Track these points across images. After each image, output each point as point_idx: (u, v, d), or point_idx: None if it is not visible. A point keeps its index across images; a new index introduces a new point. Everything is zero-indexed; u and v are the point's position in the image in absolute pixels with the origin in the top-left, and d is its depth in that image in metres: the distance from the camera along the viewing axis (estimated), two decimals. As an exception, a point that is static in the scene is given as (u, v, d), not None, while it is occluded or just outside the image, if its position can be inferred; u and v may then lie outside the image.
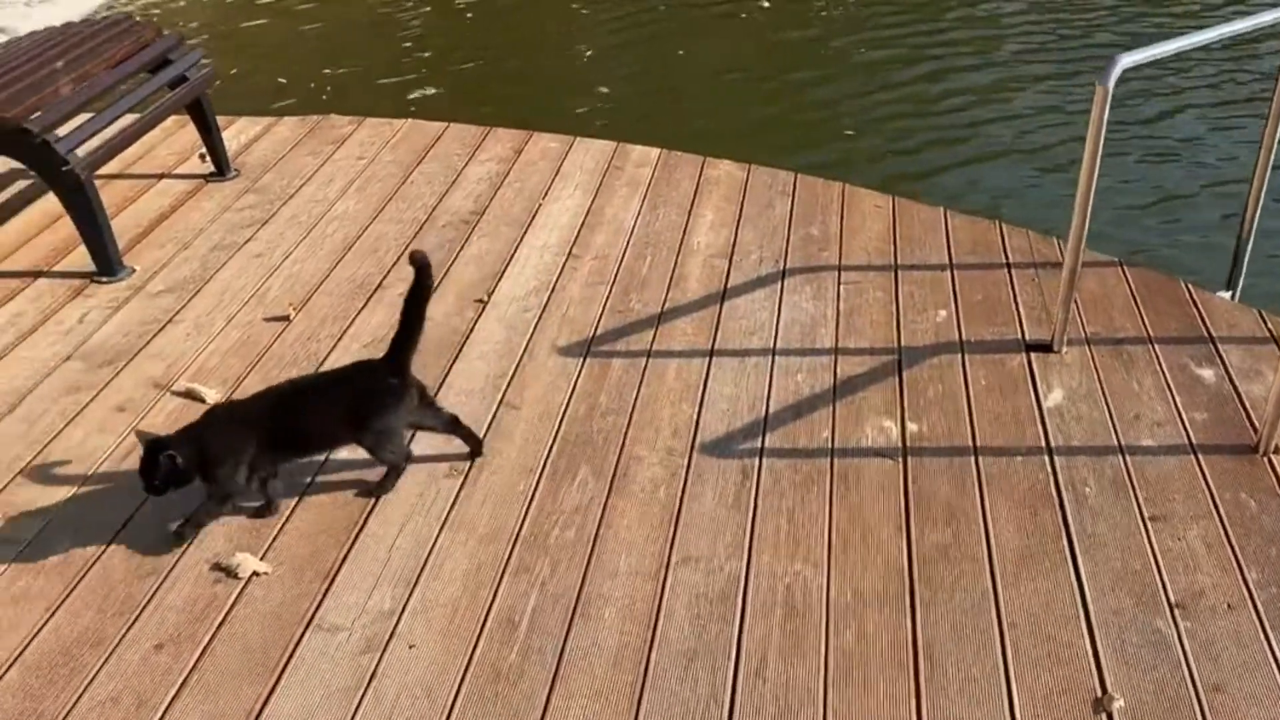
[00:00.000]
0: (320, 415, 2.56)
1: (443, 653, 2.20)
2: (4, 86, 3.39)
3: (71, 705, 2.11)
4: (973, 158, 5.62)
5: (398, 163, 4.33)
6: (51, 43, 3.73)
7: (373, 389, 2.56)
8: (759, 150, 4.78)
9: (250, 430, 2.50)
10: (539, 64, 7.26)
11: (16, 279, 3.55)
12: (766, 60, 7.08)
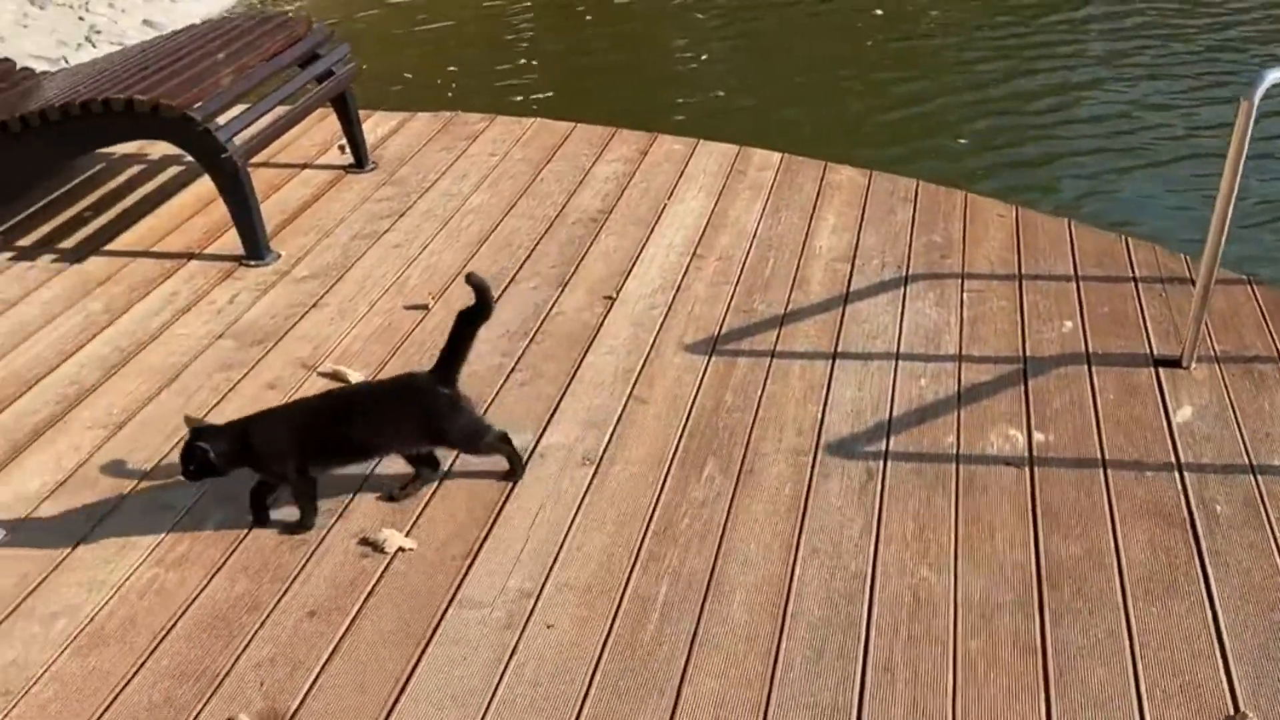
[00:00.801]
0: (377, 426, 2.57)
1: (580, 633, 2.25)
2: (171, 76, 3.54)
3: (232, 664, 2.20)
4: (1091, 170, 5.54)
5: (528, 160, 4.40)
6: (213, 35, 3.88)
7: (431, 399, 2.57)
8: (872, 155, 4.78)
9: (295, 434, 2.53)
10: (653, 66, 7.30)
11: (171, 260, 3.68)
12: (879, 66, 7.04)
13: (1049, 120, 6.10)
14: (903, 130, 6.14)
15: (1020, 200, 4.05)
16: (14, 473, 2.73)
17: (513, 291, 3.49)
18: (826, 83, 6.78)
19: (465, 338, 2.56)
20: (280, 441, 2.51)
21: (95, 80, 3.72)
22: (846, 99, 6.56)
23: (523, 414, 2.92)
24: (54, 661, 2.20)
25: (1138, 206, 5.13)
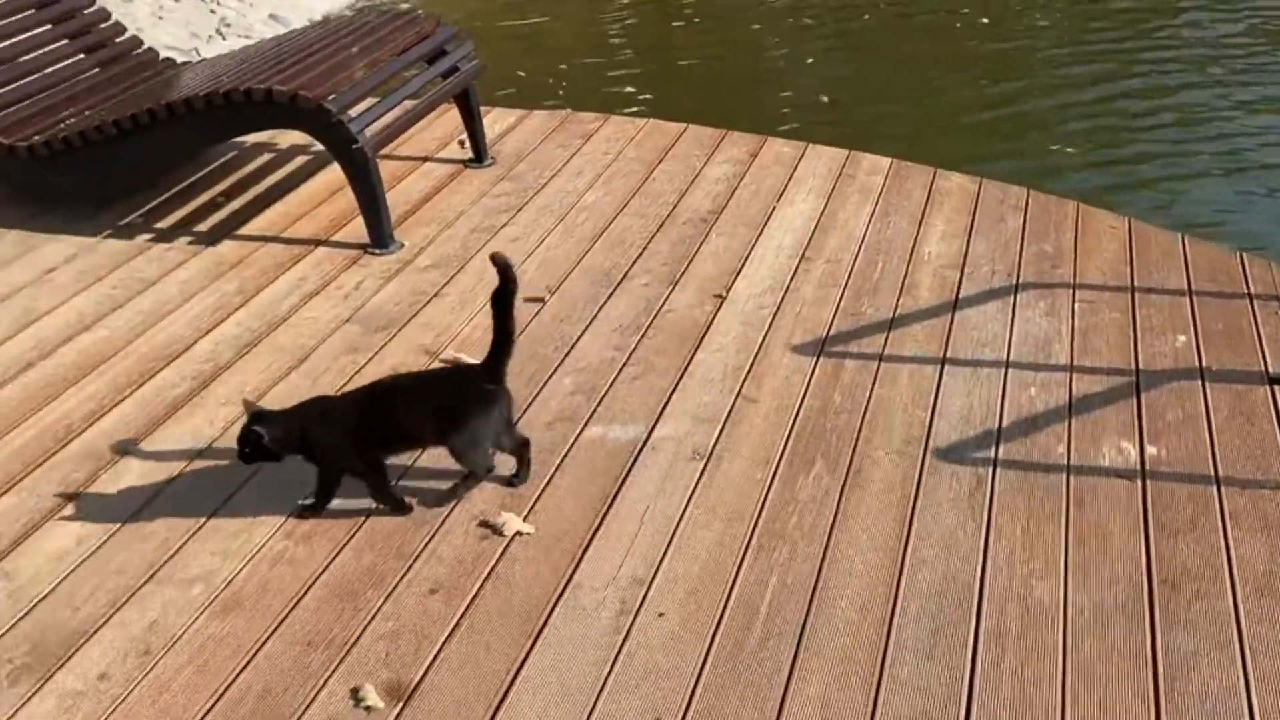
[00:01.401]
0: (411, 415, 2.58)
1: (690, 623, 2.28)
2: (307, 69, 3.65)
3: (358, 635, 2.26)
4: (1200, 181, 5.43)
5: (640, 160, 4.44)
6: (346, 31, 3.99)
7: (467, 394, 2.58)
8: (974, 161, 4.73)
9: (344, 423, 2.55)
10: (751, 67, 7.31)
11: (299, 246, 3.79)
12: (979, 70, 6.96)
13: (1155, 129, 5.98)
14: (1004, 136, 6.07)
15: (1129, 210, 3.99)
16: (153, 444, 2.83)
17: (625, 287, 3.53)
18: (926, 86, 6.73)
19: (507, 321, 2.53)
20: (334, 430, 2.53)
21: (236, 71, 3.84)
22: (947, 103, 6.49)
23: (634, 407, 2.95)
24: (191, 624, 2.29)
25: (1248, 220, 5.02)
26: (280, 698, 2.12)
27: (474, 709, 2.10)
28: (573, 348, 3.22)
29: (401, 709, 2.10)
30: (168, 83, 4.11)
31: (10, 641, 2.25)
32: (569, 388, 3.04)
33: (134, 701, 2.12)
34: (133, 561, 2.45)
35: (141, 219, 3.97)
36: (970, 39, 7.51)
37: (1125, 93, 6.47)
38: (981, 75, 6.89)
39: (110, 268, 3.65)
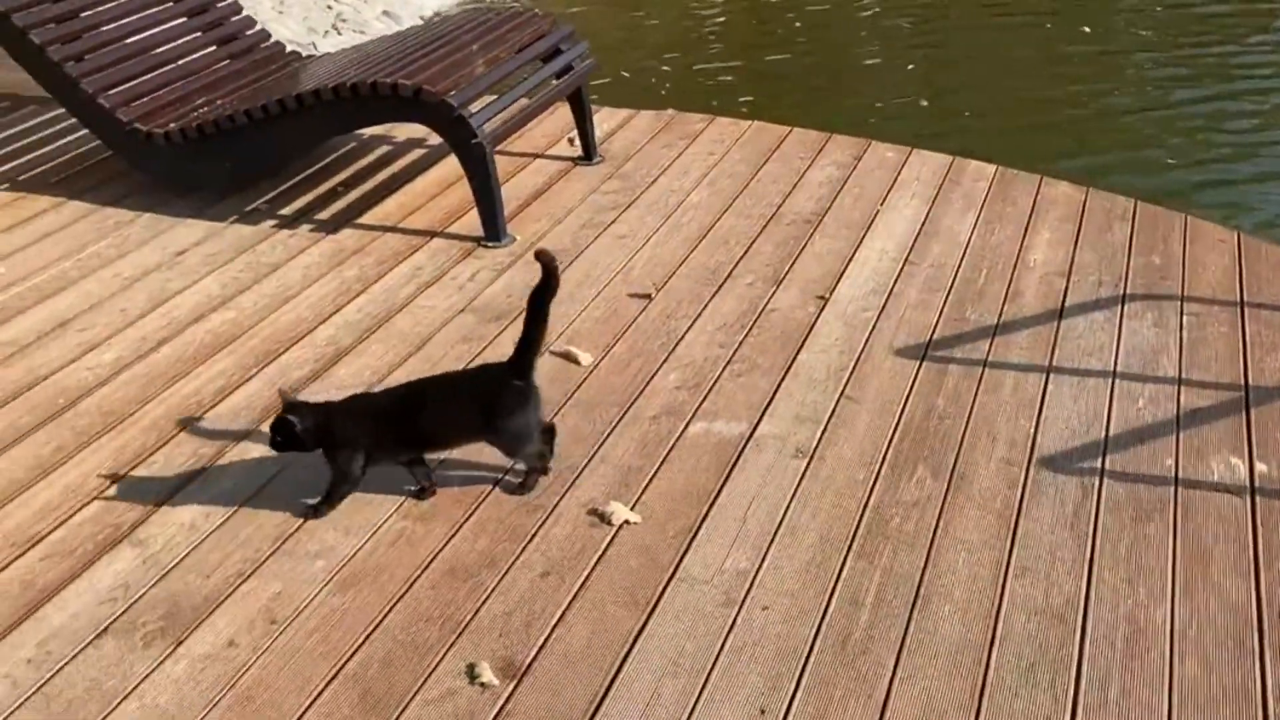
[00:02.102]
0: (443, 415, 2.59)
1: (794, 617, 2.29)
2: (430, 65, 3.72)
3: (473, 614, 2.31)
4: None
5: (745, 161, 4.44)
6: (467, 28, 4.05)
7: (498, 393, 2.57)
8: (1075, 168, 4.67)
9: (373, 424, 2.57)
10: (853, 70, 7.25)
11: (417, 237, 3.86)
12: (1084, 80, 6.83)
13: (1267, 144, 5.83)
14: (1107, 144, 5.96)
15: (1237, 223, 3.90)
16: (278, 422, 2.91)
17: (729, 286, 3.54)
18: (1026, 93, 6.62)
19: (541, 319, 2.51)
20: (365, 427, 2.55)
21: (362, 65, 3.92)
22: (1047, 110, 6.38)
23: (738, 404, 2.96)
24: (315, 596, 2.35)
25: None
26: (399, 671, 2.17)
27: (584, 690, 2.13)
28: (678, 344, 3.24)
29: (515, 687, 2.14)
30: (294, 75, 4.21)
31: (144, 606, 2.33)
32: (674, 383, 3.06)
33: (261, 668, 2.18)
34: (259, 534, 2.53)
35: (266, 205, 4.07)
36: (1069, 44, 7.37)
37: (1232, 104, 6.32)
38: (1082, 82, 6.77)
39: (237, 252, 3.76)
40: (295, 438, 2.50)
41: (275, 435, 2.52)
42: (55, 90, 4.03)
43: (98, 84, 3.93)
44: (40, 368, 3.15)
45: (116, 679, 2.16)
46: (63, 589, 2.37)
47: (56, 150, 4.49)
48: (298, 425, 2.49)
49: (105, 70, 4.00)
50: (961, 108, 6.50)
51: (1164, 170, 5.58)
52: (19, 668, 2.19)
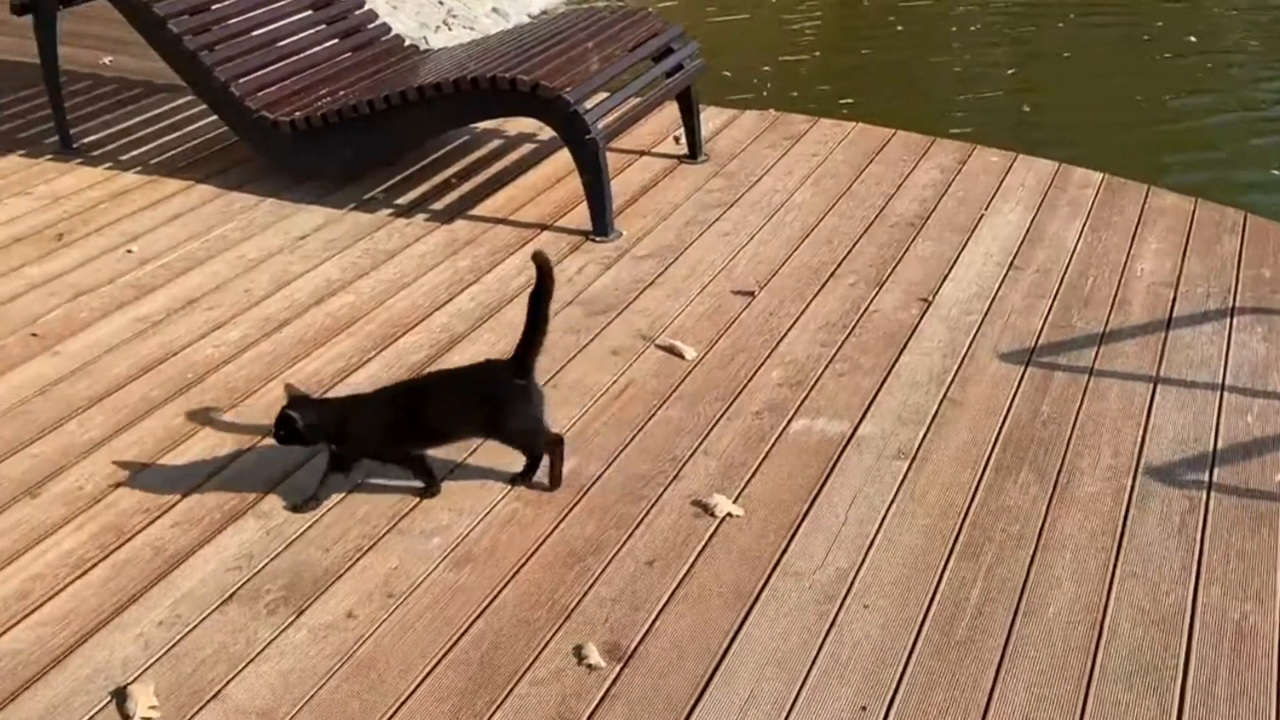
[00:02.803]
0: (445, 411, 2.59)
1: (895, 616, 2.27)
2: (547, 61, 3.75)
3: (580, 598, 2.33)
4: None
5: (848, 162, 4.41)
6: (582, 25, 4.08)
7: (500, 391, 2.57)
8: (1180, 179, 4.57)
9: (377, 422, 2.58)
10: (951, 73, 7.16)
11: (526, 229, 3.90)
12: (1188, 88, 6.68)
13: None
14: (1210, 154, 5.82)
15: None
16: (394, 404, 2.97)
17: (832, 286, 3.53)
18: (1128, 99, 6.49)
19: (541, 319, 2.50)
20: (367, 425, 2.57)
21: (480, 59, 3.97)
22: (1150, 117, 6.26)
23: (840, 403, 2.95)
24: (430, 573, 2.40)
25: None
26: (510, 648, 2.21)
27: (688, 677, 2.14)
28: (780, 341, 3.24)
29: (621, 670, 2.16)
30: (413, 68, 4.27)
31: (267, 576, 2.40)
32: (776, 380, 3.06)
33: (378, 639, 2.23)
34: (376, 511, 2.58)
35: (382, 195, 4.14)
36: (1173, 52, 7.20)
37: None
38: (1187, 92, 6.61)
39: (355, 238, 3.83)
40: (297, 432, 2.53)
41: (278, 429, 2.54)
42: (189, 77, 4.14)
43: (229, 73, 4.03)
44: (171, 343, 3.25)
45: (242, 644, 2.22)
46: (191, 555, 2.45)
47: (185, 136, 4.62)
48: (299, 421, 2.51)
49: (235, 60, 4.10)
50: (1064, 114, 6.39)
51: (1274, 184, 5.43)
52: (151, 628, 2.26)
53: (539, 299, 2.51)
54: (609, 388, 3.03)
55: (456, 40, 7.18)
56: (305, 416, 2.53)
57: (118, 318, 3.38)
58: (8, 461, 2.76)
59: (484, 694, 2.11)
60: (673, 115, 4.48)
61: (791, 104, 5.38)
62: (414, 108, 3.78)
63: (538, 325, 2.51)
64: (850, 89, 6.79)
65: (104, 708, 2.09)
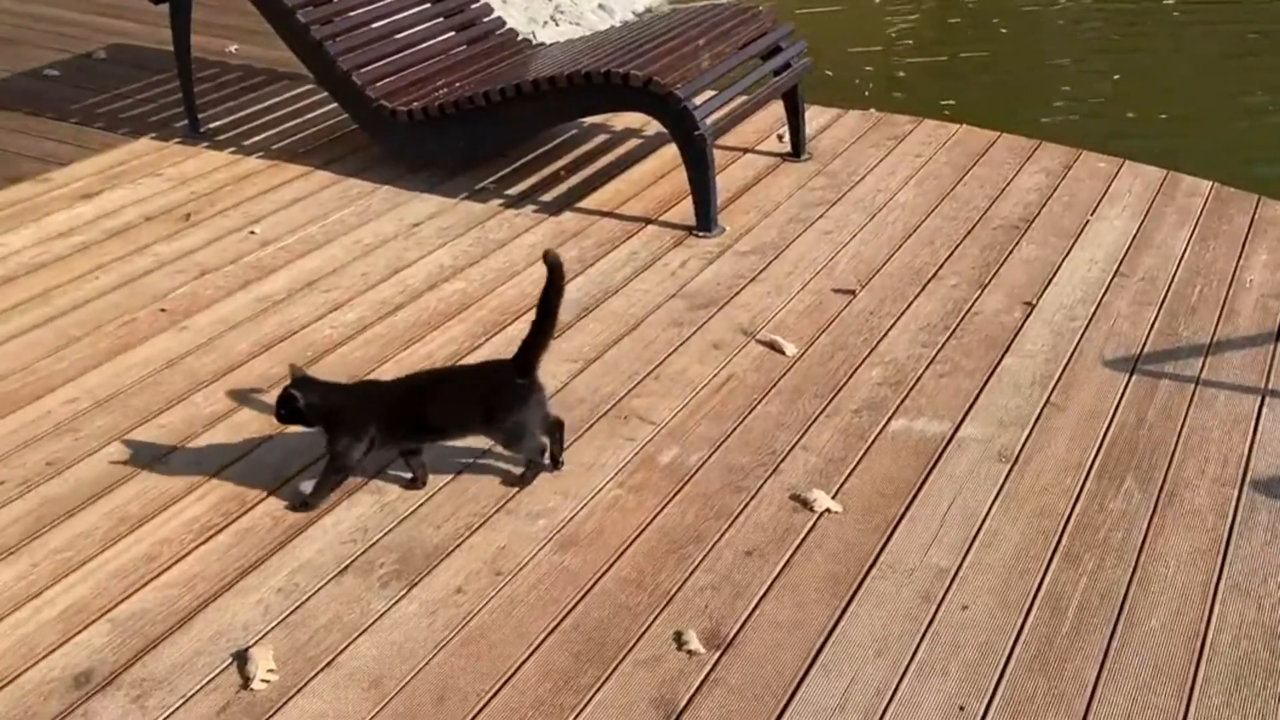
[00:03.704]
0: (446, 407, 2.56)
1: (994, 619, 2.24)
2: (659, 57, 3.76)
3: (680, 584, 2.34)
4: None
5: (952, 164, 4.35)
6: (694, 22, 4.08)
7: (500, 388, 2.54)
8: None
9: (376, 412, 2.55)
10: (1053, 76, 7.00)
11: (631, 223, 3.91)
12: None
13: None
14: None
15: None
16: (502, 389, 3.01)
17: (934, 287, 3.48)
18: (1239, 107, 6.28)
19: (550, 319, 2.46)
20: (367, 414, 2.55)
21: (592, 54, 3.99)
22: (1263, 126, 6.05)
23: (940, 403, 2.92)
24: (536, 554, 2.43)
25: None
26: (611, 630, 2.23)
27: (786, 668, 2.14)
28: (881, 340, 3.21)
29: (720, 657, 2.17)
30: (526, 62, 4.32)
31: (380, 549, 2.45)
32: (876, 378, 3.04)
33: (486, 615, 2.27)
34: (485, 492, 2.62)
35: (493, 185, 4.19)
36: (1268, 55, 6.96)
37: None
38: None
39: (466, 227, 3.88)
40: (298, 412, 2.51)
41: (279, 408, 2.53)
42: (312, 66, 4.23)
43: (351, 62, 4.11)
44: (291, 322, 3.33)
45: (356, 614, 2.28)
46: (309, 527, 2.51)
47: (304, 123, 4.71)
48: (300, 400, 2.49)
49: (357, 50, 4.18)
50: (1169, 121, 6.21)
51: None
52: (270, 595, 2.33)
53: (549, 299, 2.46)
54: (710, 380, 3.03)
55: (563, 35, 7.23)
56: (307, 396, 2.51)
57: (241, 296, 3.48)
58: (138, 430, 2.86)
59: (587, 673, 2.14)
60: (776, 113, 4.47)
61: (894, 104, 5.31)
62: (528, 100, 3.82)
63: (545, 325, 2.47)
64: (952, 90, 6.68)
65: (225, 669, 2.16)
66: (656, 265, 3.63)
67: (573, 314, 3.34)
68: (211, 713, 2.07)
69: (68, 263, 3.70)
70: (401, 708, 2.07)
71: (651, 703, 2.08)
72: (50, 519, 2.56)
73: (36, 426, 2.88)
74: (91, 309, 3.42)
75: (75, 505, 2.59)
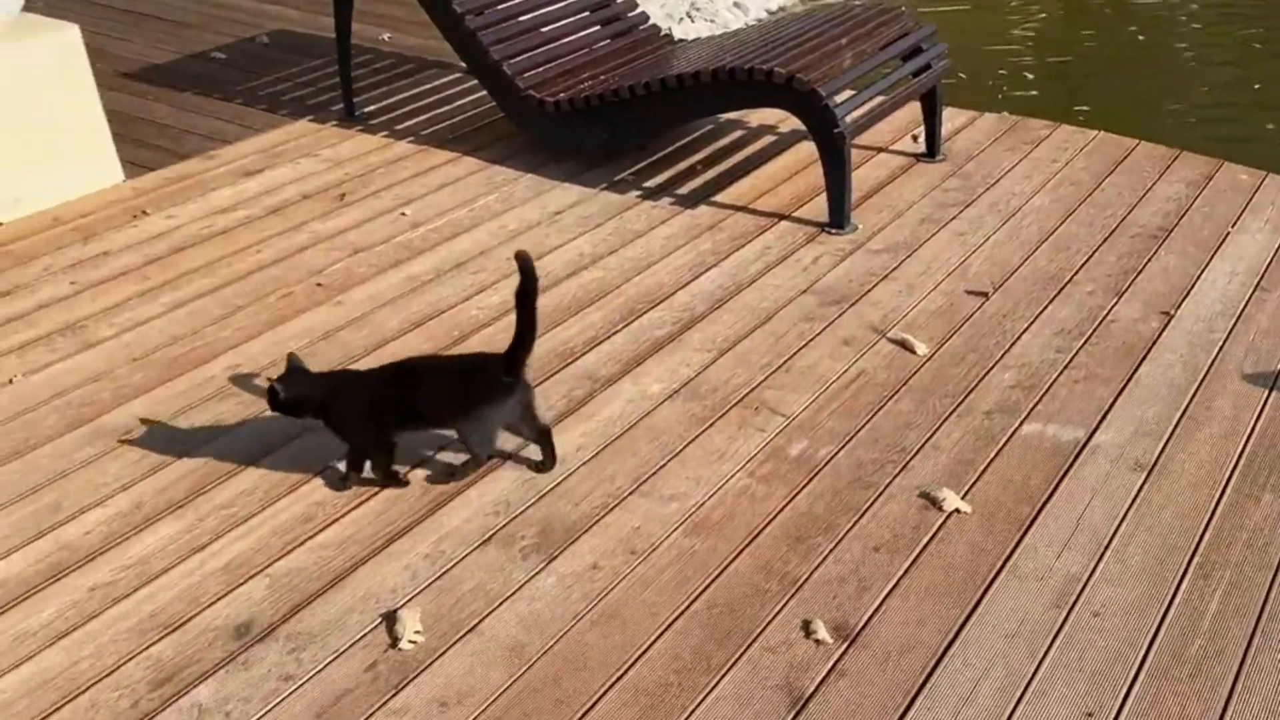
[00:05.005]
0: (430, 398, 2.54)
1: (1126, 627, 2.19)
2: (802, 54, 3.73)
3: (809, 574, 2.34)
4: None
5: (1089, 170, 4.23)
6: (837, 21, 4.04)
7: (483, 382, 2.50)
8: None
9: (368, 396, 2.55)
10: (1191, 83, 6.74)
11: (764, 218, 3.90)
12: None
13: None
14: None
15: None
16: (638, 377, 3.02)
17: (1069, 292, 3.40)
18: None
19: (528, 318, 2.43)
20: (352, 403, 2.55)
21: (735, 50, 3.98)
22: None
23: (1074, 409, 2.85)
24: (669, 536, 2.45)
25: None
26: (741, 614, 2.24)
27: (912, 664, 2.12)
28: (1014, 344, 3.14)
29: (847, 648, 2.16)
30: (668, 57, 4.33)
31: (522, 523, 2.50)
32: (1009, 381, 2.98)
33: (620, 592, 2.30)
34: (621, 472, 2.65)
35: (632, 177, 4.21)
36: None
37: None
38: None
39: (605, 217, 3.91)
40: (281, 404, 2.54)
41: (269, 399, 2.57)
42: (465, 55, 4.30)
43: (502, 52, 4.17)
44: (439, 303, 3.41)
45: (498, 583, 2.33)
46: (456, 497, 2.57)
47: (452, 111, 4.80)
48: (280, 394, 2.52)
49: (508, 41, 4.24)
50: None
51: None
52: (418, 560, 2.39)
53: (525, 299, 2.43)
54: (840, 376, 3.01)
55: (698, 31, 7.23)
56: (288, 390, 2.53)
57: (392, 275, 3.57)
58: (295, 397, 2.96)
59: (718, 654, 2.15)
60: (910, 113, 4.40)
61: (1025, 106, 5.18)
62: (671, 95, 3.82)
63: (527, 326, 2.45)
64: (1082, 93, 6.49)
65: (375, 628, 2.23)
66: (789, 260, 3.61)
67: (706, 305, 3.35)
68: (360, 669, 2.14)
69: (231, 236, 3.84)
70: (538, 677, 2.11)
71: (779, 688, 2.08)
72: (215, 477, 2.67)
73: (203, 389, 3.01)
74: (253, 281, 3.55)
75: (237, 466, 2.70)
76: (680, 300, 3.39)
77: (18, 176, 3.94)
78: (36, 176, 3.99)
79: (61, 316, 3.38)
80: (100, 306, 3.42)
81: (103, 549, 2.46)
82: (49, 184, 4.04)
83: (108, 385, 3.03)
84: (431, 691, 2.09)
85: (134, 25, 6.00)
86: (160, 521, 2.53)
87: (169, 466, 2.70)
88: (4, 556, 2.44)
